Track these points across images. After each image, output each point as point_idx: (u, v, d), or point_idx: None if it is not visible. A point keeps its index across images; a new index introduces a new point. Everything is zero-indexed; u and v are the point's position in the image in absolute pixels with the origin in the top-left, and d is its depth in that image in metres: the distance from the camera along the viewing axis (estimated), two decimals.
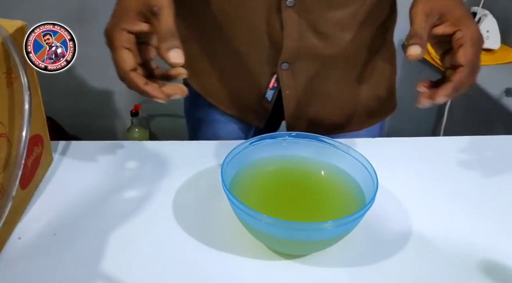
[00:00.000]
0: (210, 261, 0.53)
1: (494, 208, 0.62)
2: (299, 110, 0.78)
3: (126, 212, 0.59)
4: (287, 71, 0.73)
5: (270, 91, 0.76)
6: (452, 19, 0.52)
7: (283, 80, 0.74)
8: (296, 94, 0.76)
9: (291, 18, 0.68)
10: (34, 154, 0.60)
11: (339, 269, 0.52)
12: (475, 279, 0.51)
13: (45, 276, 0.50)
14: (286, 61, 0.72)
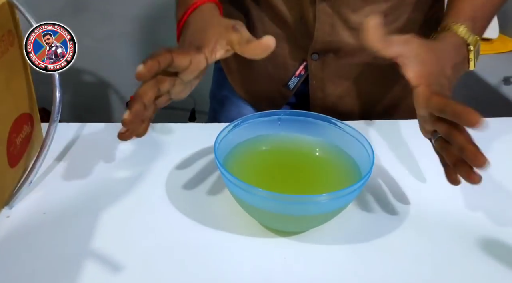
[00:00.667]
0: (204, 240, 0.52)
1: (491, 186, 0.61)
2: (323, 101, 0.77)
3: (118, 192, 0.58)
4: (317, 62, 0.73)
5: (294, 78, 0.75)
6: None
7: (312, 70, 0.74)
8: (323, 85, 0.75)
9: (325, 11, 0.67)
10: (24, 132, 0.58)
11: (335, 247, 0.51)
12: (473, 255, 0.50)
13: (35, 255, 0.49)
14: (316, 51, 0.72)
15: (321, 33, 0.69)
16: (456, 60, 0.52)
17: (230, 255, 0.50)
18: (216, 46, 0.52)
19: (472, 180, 0.44)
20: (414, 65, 0.48)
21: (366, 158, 0.52)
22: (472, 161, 0.43)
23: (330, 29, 0.69)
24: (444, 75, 0.50)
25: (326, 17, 0.68)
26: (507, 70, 1.37)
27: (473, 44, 0.54)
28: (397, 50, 0.49)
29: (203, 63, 0.51)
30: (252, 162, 0.56)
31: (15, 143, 0.56)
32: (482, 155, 0.42)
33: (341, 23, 0.69)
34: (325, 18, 0.68)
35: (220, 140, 0.53)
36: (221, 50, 0.52)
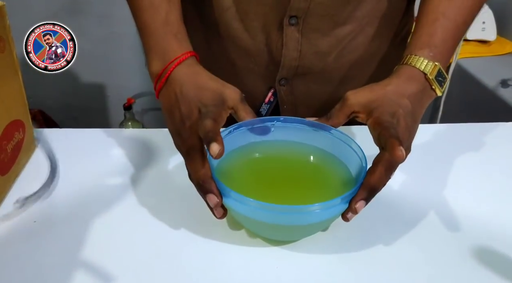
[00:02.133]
0: (196, 249, 0.51)
1: (488, 193, 0.60)
2: None
3: (109, 199, 0.57)
4: (285, 87, 0.71)
5: (265, 105, 0.74)
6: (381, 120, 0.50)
7: (281, 96, 0.73)
8: (294, 109, 0.74)
9: (292, 37, 0.65)
10: (15, 139, 0.58)
11: (328, 256, 0.51)
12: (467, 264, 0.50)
13: (25, 263, 0.49)
14: (284, 77, 0.70)
15: (289, 59, 0.67)
16: (412, 90, 0.52)
17: (222, 264, 0.50)
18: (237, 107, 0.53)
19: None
20: (361, 110, 0.52)
21: (359, 166, 0.51)
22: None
23: (298, 54, 0.67)
24: (396, 105, 0.51)
25: (294, 43, 0.66)
26: (505, 72, 1.37)
27: (431, 72, 0.53)
28: (344, 115, 0.53)
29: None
30: (245, 170, 0.55)
31: (6, 151, 0.56)
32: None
33: (309, 48, 0.67)
34: (293, 44, 0.66)
35: None
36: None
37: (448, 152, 0.68)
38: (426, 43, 0.55)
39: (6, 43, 0.55)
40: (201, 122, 0.48)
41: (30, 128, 0.63)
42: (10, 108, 0.57)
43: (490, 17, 1.50)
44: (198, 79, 0.53)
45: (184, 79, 0.53)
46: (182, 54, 0.55)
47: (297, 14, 0.63)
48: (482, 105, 1.37)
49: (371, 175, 0.48)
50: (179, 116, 0.52)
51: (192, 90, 0.52)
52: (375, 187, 0.48)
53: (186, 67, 0.54)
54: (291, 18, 0.63)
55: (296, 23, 0.64)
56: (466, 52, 1.47)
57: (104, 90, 1.80)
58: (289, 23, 0.64)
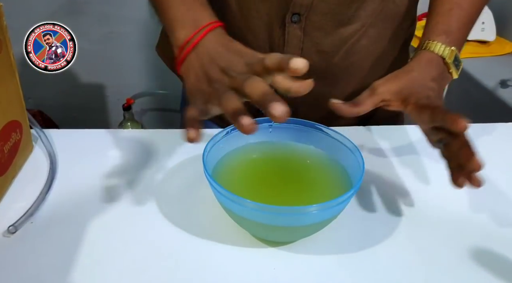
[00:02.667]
0: (193, 250, 0.51)
1: (487, 193, 0.60)
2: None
3: (107, 200, 0.57)
4: None
5: None
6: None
7: (282, 95, 0.72)
8: (295, 109, 0.74)
9: (295, 35, 0.66)
10: (12, 140, 0.58)
11: (326, 257, 0.51)
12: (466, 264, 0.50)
13: (22, 264, 0.49)
14: None
15: None
16: (433, 74, 0.56)
17: (220, 265, 0.49)
18: None
19: (473, 183, 0.47)
20: (393, 98, 0.53)
21: (356, 167, 0.51)
22: (466, 164, 0.46)
23: (299, 52, 0.67)
24: (427, 88, 0.54)
25: (296, 41, 0.66)
26: (504, 73, 1.37)
27: (449, 56, 0.57)
28: (373, 103, 0.54)
29: None
30: (243, 170, 0.55)
31: (3, 151, 0.56)
32: (475, 158, 0.45)
33: (311, 46, 0.67)
34: (295, 42, 0.66)
35: (209, 149, 0.53)
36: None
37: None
38: (442, 30, 0.58)
39: (3, 44, 0.55)
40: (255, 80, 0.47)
41: (27, 128, 0.63)
42: (7, 109, 0.57)
43: (489, 18, 1.50)
44: (233, 45, 0.51)
45: (217, 45, 0.51)
46: (211, 22, 0.53)
47: (299, 11, 0.63)
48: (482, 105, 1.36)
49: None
50: (217, 70, 0.49)
51: (230, 52, 0.50)
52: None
53: (217, 35, 0.52)
54: (294, 16, 0.63)
55: (298, 21, 0.64)
56: (466, 52, 1.47)
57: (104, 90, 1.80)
58: (291, 21, 0.64)
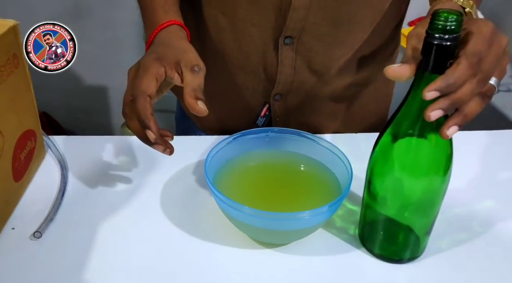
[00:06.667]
0: (195, 251, 0.55)
1: (505, 206, 0.63)
2: None
3: (115, 204, 0.61)
4: (279, 102, 0.76)
5: (261, 118, 0.78)
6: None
7: (275, 110, 0.77)
8: (286, 122, 0.79)
9: (288, 55, 0.70)
10: (27, 148, 0.62)
11: (317, 257, 0.55)
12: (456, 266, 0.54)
13: (38, 264, 0.53)
14: (279, 93, 0.74)
15: (284, 76, 0.72)
16: None
17: (220, 264, 0.54)
18: (178, 69, 0.54)
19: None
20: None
21: (345, 174, 0.55)
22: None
23: (293, 71, 0.71)
24: None
25: (289, 61, 0.70)
26: None
27: (471, 6, 0.53)
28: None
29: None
30: (242, 178, 0.60)
31: (20, 159, 0.60)
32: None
33: (303, 65, 0.71)
34: (288, 61, 0.70)
35: (210, 158, 0.57)
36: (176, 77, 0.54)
37: None
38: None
39: (20, 60, 0.59)
40: (140, 101, 0.50)
41: (40, 136, 0.67)
42: (23, 119, 0.61)
43: None
44: (170, 39, 0.58)
45: (160, 40, 0.58)
46: (165, 22, 0.59)
47: (292, 35, 0.67)
48: None
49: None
50: (137, 63, 0.54)
51: (159, 45, 0.57)
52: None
53: (167, 32, 0.59)
54: (286, 38, 0.68)
55: (291, 43, 0.68)
56: None
57: (107, 92, 1.84)
58: (284, 43, 0.68)
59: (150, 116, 0.50)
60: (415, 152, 0.48)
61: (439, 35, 0.41)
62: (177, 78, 0.53)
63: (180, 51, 0.55)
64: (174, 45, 0.56)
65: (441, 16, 0.41)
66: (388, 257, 0.54)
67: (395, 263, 0.54)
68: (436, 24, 0.41)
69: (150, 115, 0.50)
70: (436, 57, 0.43)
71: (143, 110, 0.50)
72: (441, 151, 0.48)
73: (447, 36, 0.41)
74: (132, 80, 0.53)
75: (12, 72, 0.57)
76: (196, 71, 0.53)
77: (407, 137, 0.47)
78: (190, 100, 0.51)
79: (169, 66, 0.53)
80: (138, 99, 0.50)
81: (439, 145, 0.47)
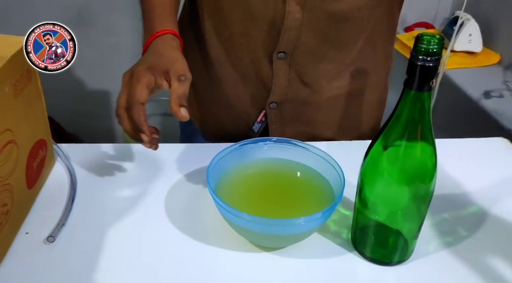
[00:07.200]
0: (197, 254, 0.59)
1: (489, 211, 0.66)
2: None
3: (122, 210, 0.65)
4: (275, 110, 0.80)
5: (257, 124, 0.83)
6: None
7: (271, 117, 0.81)
8: (282, 129, 0.83)
9: (281, 68, 0.74)
10: (39, 157, 0.66)
11: (312, 260, 0.59)
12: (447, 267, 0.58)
13: (50, 267, 0.57)
14: (274, 101, 0.79)
15: (278, 87, 0.77)
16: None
17: (220, 267, 0.58)
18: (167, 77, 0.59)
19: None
20: None
21: (338, 182, 0.59)
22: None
23: (287, 83, 0.76)
24: None
25: (282, 73, 0.75)
26: (489, 83, 1.44)
27: None
28: None
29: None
30: (241, 185, 0.63)
31: (32, 167, 0.64)
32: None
33: (296, 78, 0.76)
34: (282, 74, 0.75)
35: (212, 166, 0.61)
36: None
37: None
38: None
39: (32, 74, 0.63)
40: (136, 110, 0.57)
41: (51, 145, 0.71)
42: (36, 130, 0.65)
43: (476, 30, 1.57)
44: (162, 48, 0.63)
45: (154, 49, 0.64)
46: (160, 30, 0.65)
47: (285, 50, 0.71)
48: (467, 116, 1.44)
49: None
50: (131, 70, 0.61)
51: (152, 54, 0.63)
52: None
53: (160, 41, 0.65)
54: (280, 53, 0.72)
55: (284, 57, 0.72)
56: (453, 63, 1.54)
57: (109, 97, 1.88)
58: (278, 57, 0.72)
59: (144, 122, 0.57)
60: (402, 161, 0.52)
61: (422, 57, 0.45)
62: (165, 85, 0.59)
63: (169, 61, 0.61)
64: (165, 55, 0.62)
65: (424, 40, 0.45)
66: (378, 260, 0.58)
67: (385, 266, 0.58)
68: (419, 47, 0.45)
69: (144, 121, 0.57)
70: (420, 76, 0.46)
71: (137, 117, 0.57)
72: (426, 161, 0.51)
73: (429, 58, 0.45)
74: (125, 84, 0.60)
75: (26, 86, 0.61)
76: (182, 80, 0.58)
77: (395, 147, 0.51)
78: (175, 107, 0.57)
79: (159, 74, 0.59)
80: (134, 108, 0.57)
81: (424, 155, 0.51)
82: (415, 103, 0.48)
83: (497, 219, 0.65)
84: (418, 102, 0.48)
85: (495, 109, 1.33)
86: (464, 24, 1.57)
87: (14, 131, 0.57)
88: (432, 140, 0.51)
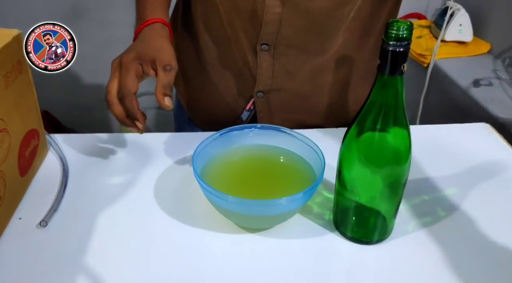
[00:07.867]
0: (185, 237, 0.61)
1: (467, 192, 0.68)
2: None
3: (112, 195, 0.67)
4: (262, 99, 0.82)
5: (246, 112, 0.85)
6: None
7: (258, 106, 0.83)
8: (270, 118, 0.85)
9: (265, 59, 0.77)
10: (31, 146, 0.68)
11: (295, 240, 0.61)
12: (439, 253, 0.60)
13: (43, 250, 0.59)
14: (261, 91, 0.81)
15: (263, 77, 0.79)
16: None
17: (208, 248, 0.60)
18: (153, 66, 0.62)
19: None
20: None
21: (319, 165, 0.61)
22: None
23: (271, 73, 0.78)
24: None
25: (267, 64, 0.77)
26: (478, 72, 1.46)
27: None
28: None
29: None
30: (226, 170, 0.66)
31: (25, 156, 0.66)
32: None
33: (281, 68, 0.78)
34: (266, 65, 0.77)
35: (198, 153, 0.63)
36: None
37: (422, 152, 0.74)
38: None
39: (23, 66, 0.65)
40: (129, 101, 0.60)
41: (43, 135, 0.73)
42: (27, 120, 0.67)
43: (466, 19, 1.59)
44: (150, 37, 0.65)
45: (143, 37, 0.66)
46: (150, 19, 0.67)
47: (267, 43, 0.74)
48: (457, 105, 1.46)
49: None
50: (120, 57, 0.63)
51: (140, 43, 0.65)
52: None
53: (150, 29, 0.67)
54: (263, 45, 0.74)
55: (268, 49, 0.74)
56: (444, 53, 1.56)
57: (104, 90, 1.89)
58: (262, 49, 0.74)
59: (137, 110, 0.60)
60: (377, 145, 0.54)
61: (393, 42, 0.47)
62: (152, 74, 0.62)
63: (156, 50, 0.63)
64: (152, 44, 0.64)
65: (394, 26, 0.47)
66: (358, 239, 0.60)
67: (365, 244, 0.60)
68: (390, 33, 0.47)
69: (137, 110, 0.60)
70: (391, 61, 0.48)
71: (131, 107, 0.59)
72: (400, 144, 0.53)
73: (399, 43, 0.47)
74: (115, 71, 0.62)
75: (17, 77, 0.63)
76: (167, 70, 0.60)
77: (369, 131, 0.53)
78: (159, 95, 0.60)
79: (146, 63, 0.61)
80: (126, 98, 0.59)
81: (398, 138, 0.53)
82: (388, 87, 0.50)
83: (474, 200, 0.67)
84: (391, 86, 0.50)
85: (484, 97, 1.35)
86: (454, 14, 1.58)
87: (5, 121, 0.59)
88: (406, 123, 0.53)
